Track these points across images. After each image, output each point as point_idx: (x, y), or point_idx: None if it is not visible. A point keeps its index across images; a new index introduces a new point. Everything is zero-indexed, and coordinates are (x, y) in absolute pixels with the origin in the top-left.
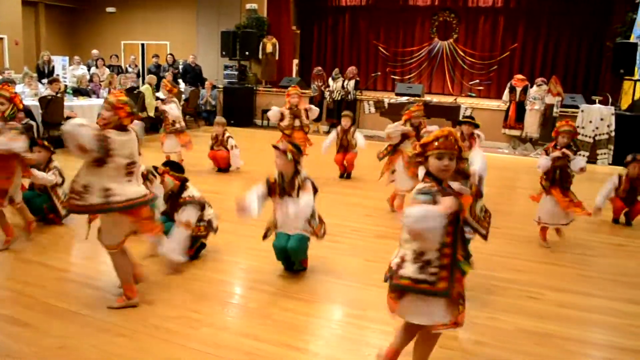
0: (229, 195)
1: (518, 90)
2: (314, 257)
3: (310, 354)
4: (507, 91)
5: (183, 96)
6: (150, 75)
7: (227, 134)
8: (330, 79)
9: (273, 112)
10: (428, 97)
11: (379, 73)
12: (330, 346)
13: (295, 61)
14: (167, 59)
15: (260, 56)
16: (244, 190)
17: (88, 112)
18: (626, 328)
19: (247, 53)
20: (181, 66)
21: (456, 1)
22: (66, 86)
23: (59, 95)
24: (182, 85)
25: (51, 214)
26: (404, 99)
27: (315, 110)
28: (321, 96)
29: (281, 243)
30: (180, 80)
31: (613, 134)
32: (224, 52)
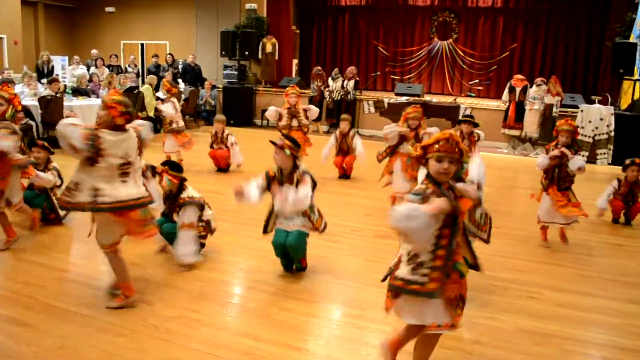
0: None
1: (517, 90)
2: (314, 257)
3: (310, 354)
4: (507, 91)
5: (183, 96)
6: (150, 75)
7: (227, 132)
8: (329, 79)
9: (270, 112)
10: (428, 97)
11: (379, 73)
12: (329, 346)
13: (294, 61)
14: (167, 59)
15: (259, 56)
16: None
17: (87, 112)
18: (626, 328)
19: (247, 53)
20: (181, 66)
21: (456, 1)
22: (65, 86)
23: (59, 95)
24: (182, 85)
25: (52, 214)
26: (404, 99)
27: (314, 110)
28: (321, 96)
29: (280, 240)
30: (179, 80)
31: (612, 134)
32: (224, 52)
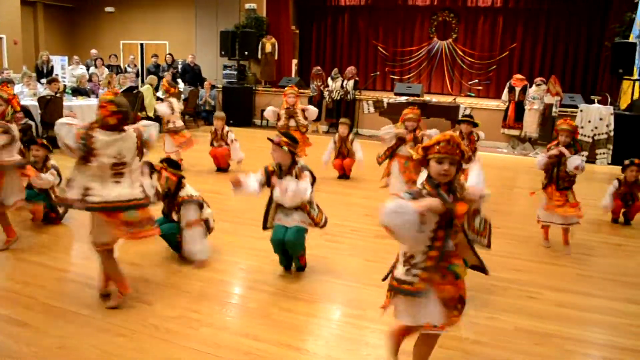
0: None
1: (517, 90)
2: (314, 257)
3: (309, 354)
4: (506, 91)
5: (182, 96)
6: (150, 75)
7: (227, 129)
8: (329, 79)
9: (268, 112)
10: (427, 97)
11: (378, 73)
12: (329, 346)
13: (294, 61)
14: (166, 59)
15: (259, 56)
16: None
17: (87, 112)
18: (626, 328)
19: (246, 53)
20: (180, 66)
21: (455, 1)
22: (65, 86)
23: (58, 95)
24: (181, 85)
25: (52, 213)
26: (403, 99)
27: (312, 110)
28: (320, 96)
29: (278, 236)
30: (179, 80)
31: (612, 134)
32: (223, 52)
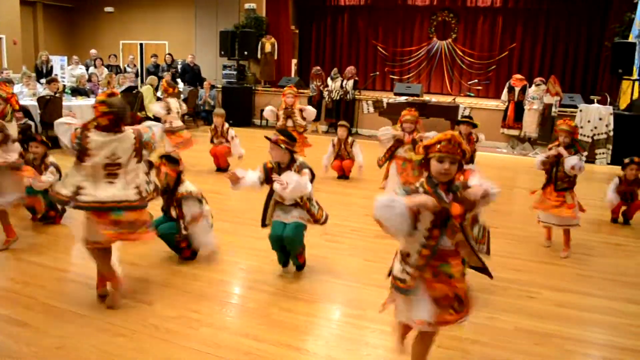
0: (229, 195)
1: (517, 90)
2: (314, 257)
3: (309, 354)
4: (506, 91)
5: (182, 96)
6: (151, 76)
7: (227, 125)
8: (329, 79)
9: (267, 112)
10: (427, 97)
11: (378, 73)
12: (329, 346)
13: (294, 61)
14: (166, 59)
15: (259, 56)
16: (244, 190)
17: (86, 112)
18: (626, 328)
19: (246, 53)
20: (180, 66)
21: (455, 1)
22: (64, 86)
23: (58, 95)
24: (181, 85)
25: (51, 211)
26: (403, 99)
27: (310, 110)
28: (320, 96)
29: (277, 232)
30: (178, 80)
31: (611, 134)
32: (223, 52)
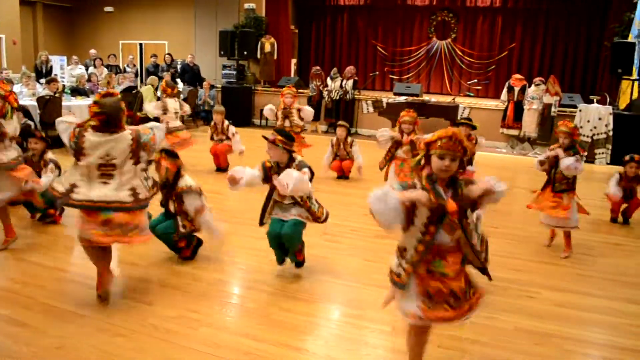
0: (229, 195)
1: (516, 89)
2: (314, 257)
3: (309, 354)
4: (505, 91)
5: (181, 96)
6: (152, 76)
7: (227, 122)
8: (328, 79)
9: (267, 111)
10: (426, 97)
11: (377, 72)
12: (329, 346)
13: (293, 61)
14: (165, 59)
15: (258, 56)
16: (243, 189)
17: (86, 112)
18: (626, 328)
19: (246, 53)
20: (179, 66)
21: (454, 1)
22: (64, 86)
23: (57, 95)
24: (180, 85)
25: (50, 209)
26: (402, 99)
27: (307, 110)
28: (319, 96)
29: (275, 229)
30: (178, 80)
31: (611, 134)
32: (222, 52)
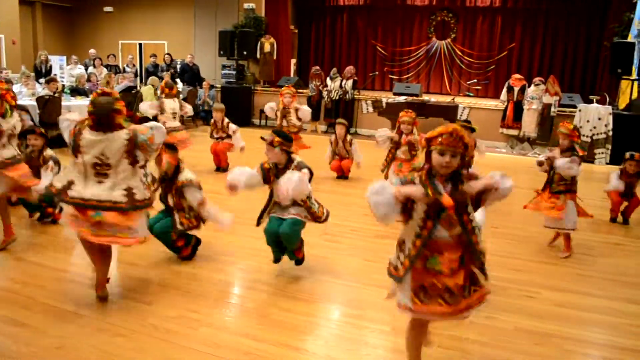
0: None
1: (516, 89)
2: (314, 257)
3: (309, 354)
4: (505, 91)
5: (181, 96)
6: (153, 77)
7: (227, 120)
8: (328, 79)
9: (267, 109)
10: (426, 97)
11: (377, 72)
12: (329, 346)
13: (293, 61)
14: (165, 59)
15: (258, 56)
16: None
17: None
18: (626, 328)
19: (245, 53)
20: (179, 66)
21: (454, 1)
22: (64, 86)
23: (57, 95)
24: (180, 85)
25: (49, 208)
26: (402, 99)
27: (305, 110)
28: (319, 96)
29: (273, 227)
30: (178, 80)
31: (610, 134)
32: (222, 52)
